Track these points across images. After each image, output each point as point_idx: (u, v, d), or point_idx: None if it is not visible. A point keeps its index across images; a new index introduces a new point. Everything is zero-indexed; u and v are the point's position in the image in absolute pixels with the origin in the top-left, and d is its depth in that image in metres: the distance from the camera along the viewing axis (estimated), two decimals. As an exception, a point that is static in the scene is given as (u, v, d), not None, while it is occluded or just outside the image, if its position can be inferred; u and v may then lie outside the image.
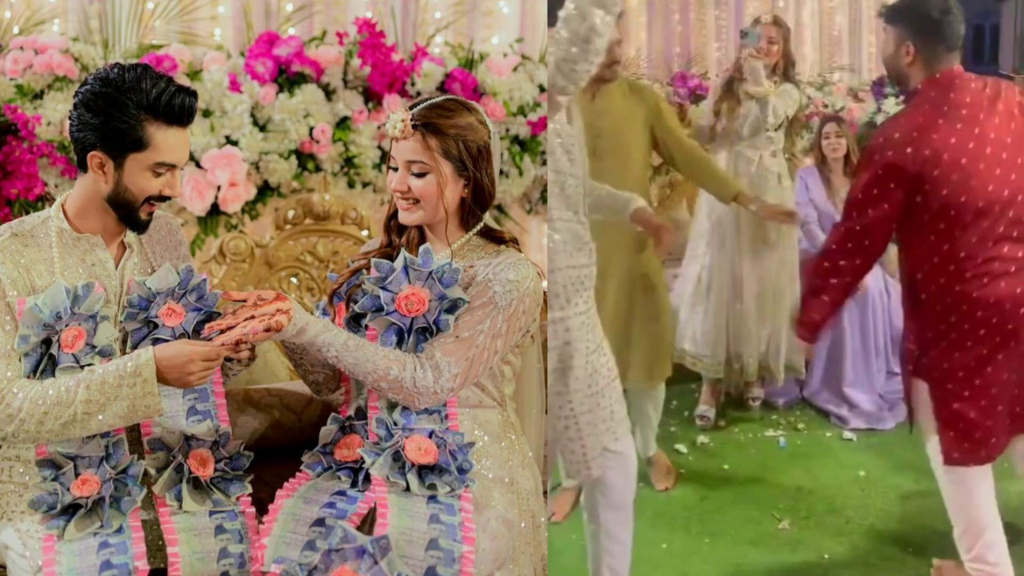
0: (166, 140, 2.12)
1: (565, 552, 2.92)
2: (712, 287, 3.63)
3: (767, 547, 2.94)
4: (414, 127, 2.15)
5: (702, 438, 3.53)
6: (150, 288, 2.21)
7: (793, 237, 3.65)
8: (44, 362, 2.11)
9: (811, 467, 3.42)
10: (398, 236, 2.30)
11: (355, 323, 2.25)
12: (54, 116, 3.24)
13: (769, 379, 3.73)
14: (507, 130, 3.65)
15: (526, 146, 3.71)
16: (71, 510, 2.10)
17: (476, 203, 2.23)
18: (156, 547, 2.13)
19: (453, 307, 2.16)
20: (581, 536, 2.73)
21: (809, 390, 3.85)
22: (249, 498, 2.23)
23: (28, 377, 2.09)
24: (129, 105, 2.09)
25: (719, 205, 3.51)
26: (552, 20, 2.23)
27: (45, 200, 3.17)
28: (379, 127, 3.51)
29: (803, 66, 3.99)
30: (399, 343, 2.18)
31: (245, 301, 2.15)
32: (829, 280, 2.70)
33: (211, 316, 2.22)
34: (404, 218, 2.23)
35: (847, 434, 3.65)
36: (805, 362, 3.67)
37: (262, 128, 3.43)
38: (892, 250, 2.93)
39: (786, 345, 3.65)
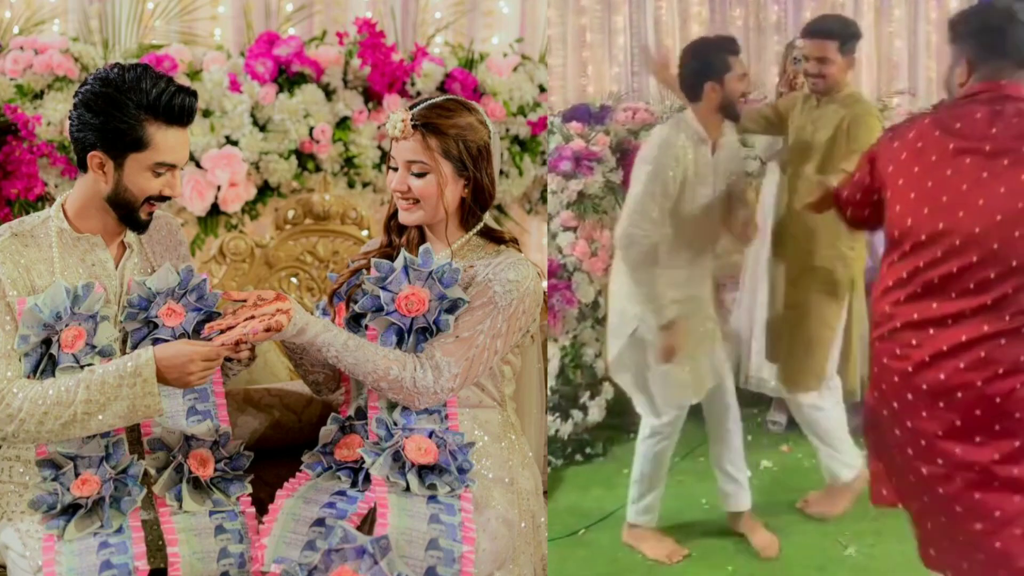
0: (166, 140, 2.12)
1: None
2: None
3: (832, 573, 2.87)
4: (414, 127, 2.15)
5: (766, 462, 3.50)
6: (150, 288, 2.21)
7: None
8: (44, 362, 2.11)
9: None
10: (398, 236, 2.30)
11: (355, 323, 2.25)
12: (54, 116, 3.24)
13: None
14: (507, 130, 3.65)
15: (526, 146, 3.71)
16: (71, 510, 2.10)
17: (476, 203, 2.23)
18: (156, 547, 2.13)
19: (453, 307, 2.16)
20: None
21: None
22: (249, 498, 2.23)
23: (28, 377, 2.09)
24: (129, 105, 2.09)
25: None
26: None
27: (45, 200, 3.16)
28: (379, 127, 3.51)
29: (862, 91, 3.99)
30: (399, 343, 2.18)
31: (245, 301, 2.15)
32: None
33: (211, 316, 2.22)
34: (404, 218, 2.23)
35: None
36: None
37: (262, 128, 3.43)
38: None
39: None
